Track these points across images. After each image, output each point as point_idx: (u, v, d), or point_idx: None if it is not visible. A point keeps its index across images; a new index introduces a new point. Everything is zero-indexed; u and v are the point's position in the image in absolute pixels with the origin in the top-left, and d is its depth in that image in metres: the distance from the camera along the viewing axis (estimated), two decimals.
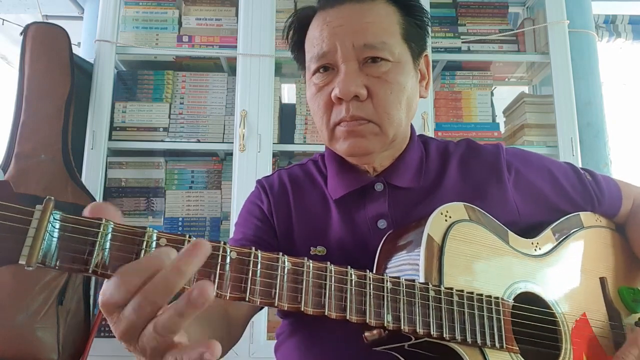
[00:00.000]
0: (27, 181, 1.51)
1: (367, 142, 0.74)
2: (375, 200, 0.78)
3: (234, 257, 0.50)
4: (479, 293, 0.63)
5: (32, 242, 0.41)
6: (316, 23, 0.77)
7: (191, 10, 1.97)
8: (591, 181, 0.84)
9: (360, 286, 0.56)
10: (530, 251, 0.73)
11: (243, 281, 0.50)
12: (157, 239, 0.47)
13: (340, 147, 0.76)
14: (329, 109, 0.75)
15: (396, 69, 0.74)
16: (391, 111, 0.73)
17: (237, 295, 0.49)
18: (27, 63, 1.64)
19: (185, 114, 1.88)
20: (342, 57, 0.73)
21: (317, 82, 0.76)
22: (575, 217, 0.80)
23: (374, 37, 0.72)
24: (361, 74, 0.72)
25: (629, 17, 2.52)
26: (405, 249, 0.67)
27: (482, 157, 0.82)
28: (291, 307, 0.52)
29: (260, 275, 0.51)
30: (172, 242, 0.47)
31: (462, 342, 0.59)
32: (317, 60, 0.75)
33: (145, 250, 0.46)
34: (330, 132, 0.76)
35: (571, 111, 1.82)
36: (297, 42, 0.83)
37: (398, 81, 0.74)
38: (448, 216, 0.67)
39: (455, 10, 2.01)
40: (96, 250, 0.44)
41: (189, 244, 0.43)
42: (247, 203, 0.87)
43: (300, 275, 0.53)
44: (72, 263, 0.43)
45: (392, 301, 0.57)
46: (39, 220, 0.42)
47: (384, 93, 0.72)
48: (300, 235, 0.79)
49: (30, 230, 0.41)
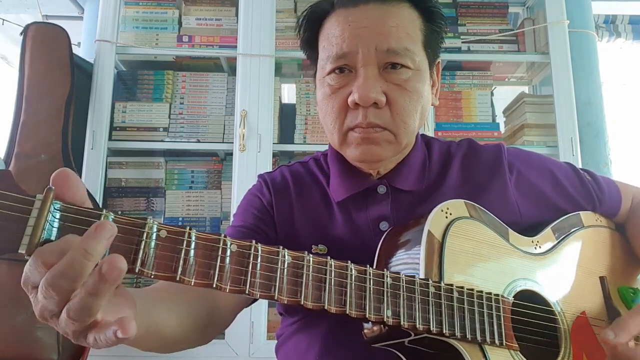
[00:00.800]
0: (27, 181, 1.51)
1: (380, 150, 0.72)
2: (378, 203, 0.78)
3: (234, 250, 0.50)
4: (479, 290, 0.63)
5: (32, 231, 0.41)
6: (336, 21, 0.73)
7: (191, 10, 1.97)
8: (591, 181, 0.84)
9: (360, 281, 0.56)
10: (530, 249, 0.73)
11: (243, 274, 0.50)
12: (157, 230, 0.47)
13: (351, 153, 0.74)
14: (343, 113, 0.73)
15: (415, 77, 0.72)
16: (408, 120, 0.72)
17: (236, 287, 0.49)
18: (27, 63, 1.64)
19: (185, 114, 1.88)
20: (362, 60, 0.70)
21: (332, 84, 0.73)
22: (576, 217, 0.80)
23: (397, 42, 0.70)
24: (380, 80, 0.70)
25: (629, 17, 2.52)
26: (405, 246, 0.67)
27: (484, 157, 0.82)
28: (291, 301, 0.52)
29: (260, 269, 0.51)
30: (172, 233, 0.47)
31: (461, 338, 0.59)
32: (335, 61, 0.72)
33: (146, 242, 0.45)
34: (343, 137, 0.74)
35: (571, 111, 1.82)
36: (309, 37, 0.79)
37: (417, 89, 0.72)
38: (449, 213, 0.67)
39: (455, 10, 2.01)
40: None
41: (93, 224, 0.41)
42: (247, 195, 0.86)
43: (301, 269, 0.53)
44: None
45: (392, 296, 0.57)
46: (39, 209, 0.41)
47: (403, 101, 0.71)
48: (301, 232, 0.79)
49: (31, 219, 0.41)
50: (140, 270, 0.45)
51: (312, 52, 0.80)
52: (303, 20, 0.79)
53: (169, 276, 0.46)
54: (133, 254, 0.45)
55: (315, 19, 0.77)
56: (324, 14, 0.76)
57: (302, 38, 0.80)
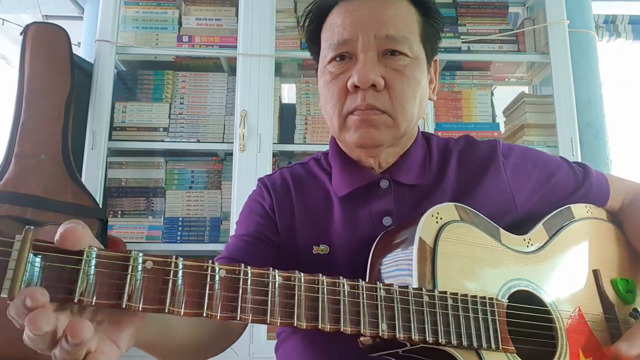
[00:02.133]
0: (27, 181, 1.50)
1: (378, 133, 0.73)
2: (381, 197, 0.78)
3: (223, 276, 0.49)
4: (473, 295, 0.62)
5: (13, 275, 0.39)
6: (338, 12, 0.76)
7: (191, 10, 1.97)
8: (582, 171, 0.85)
9: (353, 297, 0.55)
10: (522, 248, 0.73)
11: (234, 300, 0.48)
12: (143, 262, 0.45)
13: (351, 137, 0.75)
14: (343, 97, 0.74)
15: (413, 65, 0.74)
16: (406, 105, 0.73)
17: (228, 314, 0.48)
18: (27, 63, 1.64)
19: (185, 114, 1.88)
20: (362, 46, 0.72)
21: (333, 70, 0.75)
22: (567, 210, 0.80)
23: (396, 30, 0.73)
24: (380, 65, 0.72)
25: (629, 17, 2.52)
26: (398, 253, 0.66)
27: (480, 151, 0.83)
28: (284, 323, 0.51)
29: (251, 293, 0.49)
30: (158, 264, 0.46)
31: (457, 345, 0.59)
32: (336, 48, 0.74)
33: (132, 275, 0.44)
34: (342, 121, 0.75)
35: (571, 111, 1.82)
36: (312, 31, 0.81)
37: (415, 76, 0.74)
38: (439, 218, 0.67)
39: (455, 10, 2.01)
40: (80, 278, 0.42)
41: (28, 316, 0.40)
42: (249, 201, 0.87)
43: (292, 289, 0.52)
44: (55, 293, 0.41)
45: (386, 309, 0.56)
46: (19, 251, 0.40)
47: (401, 86, 0.73)
48: (302, 234, 0.79)
49: (11, 262, 0.40)
50: (128, 305, 0.44)
51: (314, 45, 0.82)
52: (309, 14, 0.81)
53: (157, 308, 0.45)
54: (119, 289, 0.44)
55: (319, 13, 0.80)
56: (329, 9, 0.79)
57: (306, 31, 0.83)
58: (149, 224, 1.84)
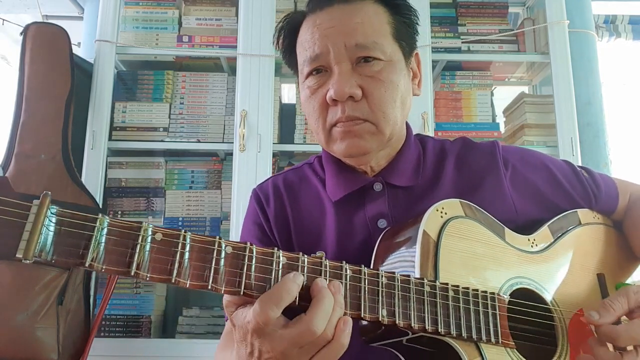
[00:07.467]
0: (27, 181, 1.51)
1: (364, 142, 0.73)
2: (375, 200, 0.78)
3: (229, 252, 0.50)
4: (475, 289, 0.63)
5: (29, 236, 0.42)
6: (306, 26, 0.77)
7: (191, 10, 1.97)
8: (588, 178, 0.84)
9: (355, 281, 0.56)
10: (527, 248, 0.73)
11: (238, 275, 0.50)
12: (152, 234, 0.48)
13: (338, 149, 0.75)
14: (325, 111, 0.75)
15: (389, 68, 0.74)
16: (387, 109, 0.73)
17: (231, 289, 0.50)
18: (27, 63, 1.64)
19: (185, 114, 1.88)
20: (334, 58, 0.72)
21: (311, 85, 0.76)
22: (573, 214, 0.80)
23: (365, 37, 0.72)
24: (355, 74, 0.72)
25: (629, 17, 2.52)
26: (401, 246, 0.67)
27: (478, 154, 0.82)
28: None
29: (255, 270, 0.51)
30: (168, 236, 0.48)
31: (457, 337, 0.60)
32: (310, 63, 0.75)
33: (141, 245, 0.46)
34: (327, 134, 0.76)
35: (571, 111, 1.82)
36: (287, 46, 0.82)
37: (391, 80, 0.74)
38: (444, 212, 0.67)
39: (455, 10, 2.01)
40: (92, 244, 0.44)
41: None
42: (246, 216, 0.87)
43: (295, 269, 0.53)
44: (68, 257, 0.44)
45: (386, 296, 0.57)
46: (36, 214, 0.42)
47: (379, 92, 0.73)
48: (298, 242, 0.80)
49: (28, 224, 0.42)
50: (136, 273, 0.46)
51: (292, 59, 0.83)
52: (281, 30, 0.82)
53: (164, 278, 0.47)
54: (129, 257, 0.46)
55: (290, 29, 0.80)
56: (298, 24, 0.79)
57: (281, 47, 0.83)
58: (148, 224, 1.83)
